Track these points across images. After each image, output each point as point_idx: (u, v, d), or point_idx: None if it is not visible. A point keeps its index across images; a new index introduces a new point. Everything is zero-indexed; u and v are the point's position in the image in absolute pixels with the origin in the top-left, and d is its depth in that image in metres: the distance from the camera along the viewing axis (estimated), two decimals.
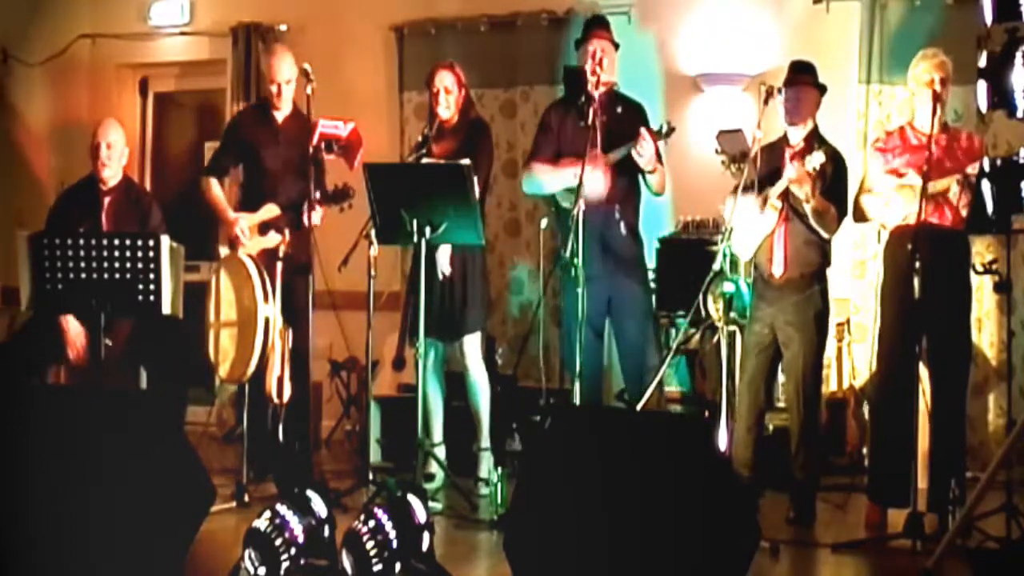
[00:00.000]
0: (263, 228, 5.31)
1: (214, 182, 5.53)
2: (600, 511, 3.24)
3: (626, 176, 5.11)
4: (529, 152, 5.46)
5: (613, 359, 5.47)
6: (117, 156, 5.44)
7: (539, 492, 3.47)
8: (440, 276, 5.16)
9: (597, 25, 5.26)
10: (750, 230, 4.82)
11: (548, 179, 5.22)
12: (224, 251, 5.37)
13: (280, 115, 5.49)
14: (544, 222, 5.45)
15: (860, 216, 4.82)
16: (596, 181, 4.96)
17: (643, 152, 4.91)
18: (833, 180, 4.75)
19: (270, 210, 5.31)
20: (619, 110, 5.13)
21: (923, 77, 4.62)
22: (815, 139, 4.82)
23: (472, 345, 5.33)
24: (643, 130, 4.92)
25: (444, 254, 5.18)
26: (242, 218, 5.33)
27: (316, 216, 5.05)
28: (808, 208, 4.70)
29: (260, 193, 5.41)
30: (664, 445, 3.30)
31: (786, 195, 4.76)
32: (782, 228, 4.81)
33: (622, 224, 5.13)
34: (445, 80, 5.30)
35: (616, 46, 5.21)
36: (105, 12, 7.56)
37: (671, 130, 4.96)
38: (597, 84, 4.97)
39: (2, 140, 7.71)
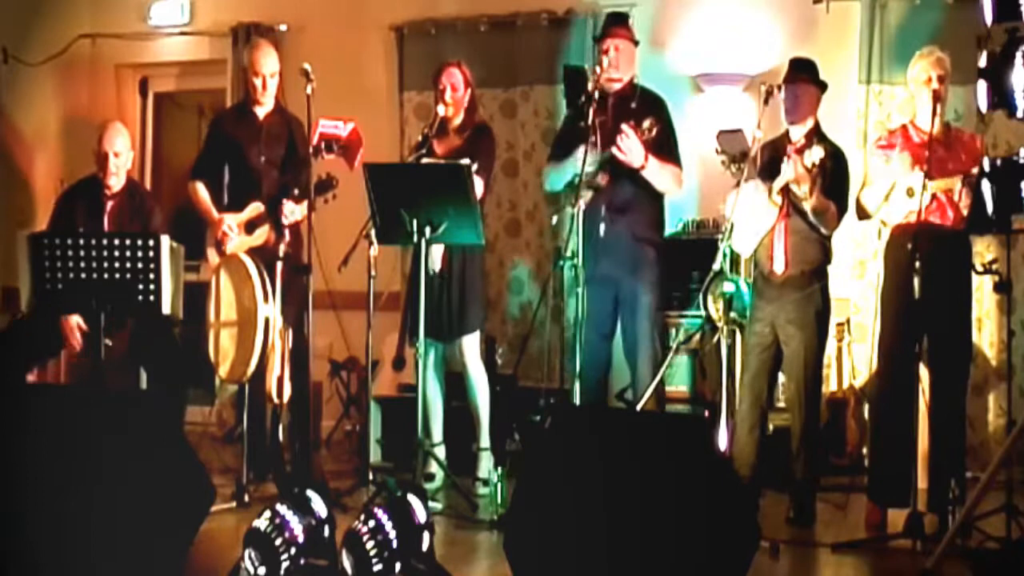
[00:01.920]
0: (249, 227, 5.31)
1: (200, 186, 5.49)
2: (600, 511, 3.24)
3: (629, 179, 5.08)
4: (551, 149, 5.51)
5: (615, 359, 5.47)
6: (124, 164, 5.45)
7: (539, 492, 3.47)
8: (431, 273, 5.13)
9: (613, 23, 5.25)
10: (750, 226, 4.81)
11: (557, 172, 5.23)
12: (212, 253, 5.36)
13: (262, 111, 5.46)
14: (555, 219, 5.45)
15: (862, 213, 4.82)
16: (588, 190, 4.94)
17: (625, 150, 4.90)
18: (833, 177, 4.74)
19: (255, 208, 5.31)
20: (634, 105, 5.10)
21: (921, 76, 4.62)
22: (816, 136, 4.81)
23: (470, 345, 5.33)
24: (624, 126, 4.91)
25: (437, 251, 5.17)
26: (227, 217, 5.34)
27: (297, 211, 5.06)
28: (807, 205, 4.70)
29: (245, 191, 5.39)
30: (664, 445, 3.30)
31: (786, 191, 4.76)
32: (782, 225, 4.81)
33: (625, 228, 5.09)
34: (453, 78, 5.30)
35: (635, 43, 5.20)
36: (105, 12, 7.56)
37: (653, 125, 4.93)
38: (597, 83, 4.96)
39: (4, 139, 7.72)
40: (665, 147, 5.08)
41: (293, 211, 5.12)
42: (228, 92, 7.17)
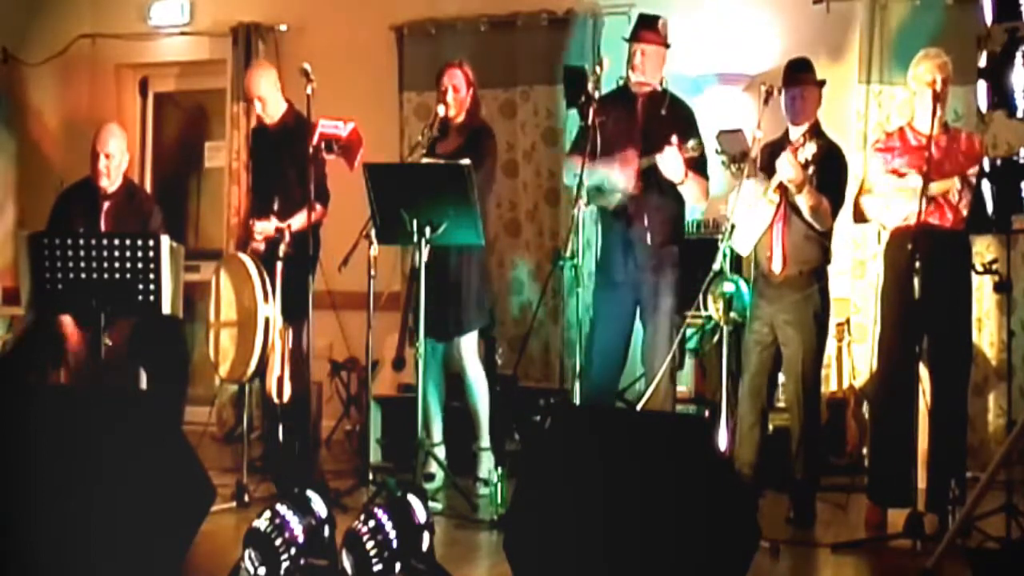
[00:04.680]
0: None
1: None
2: (600, 511, 3.24)
3: (655, 185, 5.03)
4: (570, 145, 5.48)
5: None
6: (116, 165, 5.44)
7: (539, 492, 3.47)
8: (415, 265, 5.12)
9: (641, 27, 5.17)
10: (749, 224, 4.80)
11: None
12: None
13: (269, 120, 5.55)
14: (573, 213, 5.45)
15: (860, 217, 4.82)
16: (627, 178, 4.94)
17: (666, 163, 4.87)
18: (827, 173, 4.73)
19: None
20: (663, 112, 5.07)
21: (924, 77, 4.61)
22: (813, 133, 4.79)
23: (468, 345, 5.32)
24: (670, 147, 4.84)
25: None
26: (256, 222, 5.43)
27: (269, 228, 5.18)
28: (800, 200, 4.70)
29: (262, 199, 5.47)
30: (664, 445, 3.30)
31: (784, 189, 4.75)
32: (780, 224, 4.80)
33: (648, 233, 5.06)
34: (455, 78, 5.29)
35: (667, 46, 5.14)
36: (105, 12, 7.56)
37: (698, 147, 4.88)
38: (596, 85, 4.95)
39: (3, 140, 7.72)
40: (699, 163, 5.04)
41: (264, 230, 5.22)
42: (228, 92, 7.17)
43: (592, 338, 5.07)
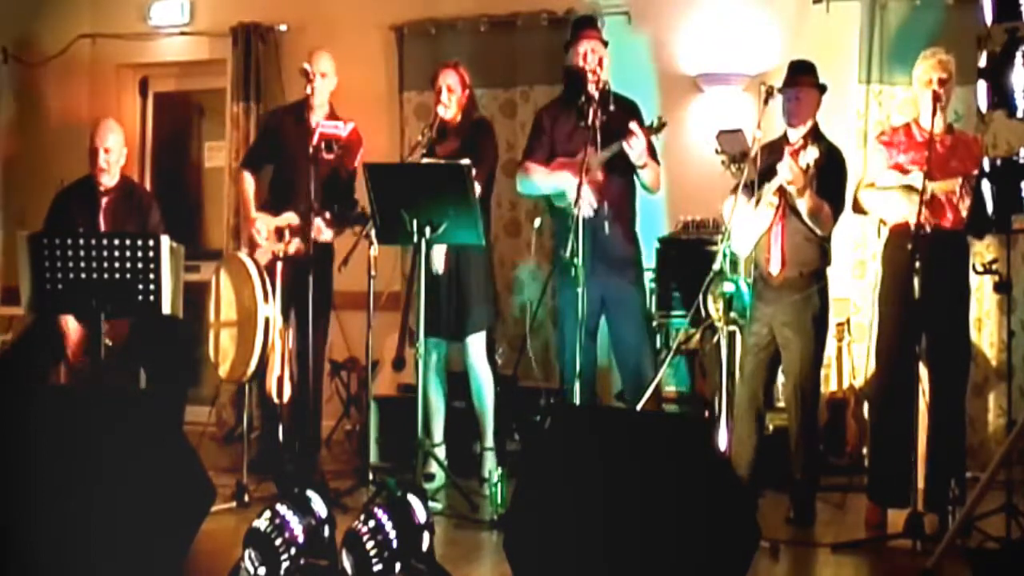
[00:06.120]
0: (281, 233, 5.30)
1: (247, 176, 5.60)
2: (600, 511, 3.24)
3: (620, 176, 5.10)
4: (523, 153, 5.48)
5: (613, 359, 5.48)
6: (115, 160, 5.44)
7: (539, 492, 3.47)
8: (434, 274, 5.15)
9: (586, 25, 5.27)
10: (747, 227, 4.81)
11: (541, 181, 5.24)
12: (243, 253, 5.35)
13: (314, 118, 5.40)
14: (537, 222, 5.48)
15: (858, 209, 4.82)
16: (586, 193, 4.96)
17: (633, 147, 4.92)
18: (829, 177, 4.73)
19: (288, 218, 5.33)
20: (612, 108, 5.11)
21: (922, 78, 4.64)
22: (813, 136, 4.80)
23: (477, 344, 5.33)
24: (633, 125, 4.94)
25: (439, 253, 5.18)
26: (260, 219, 5.38)
27: (327, 233, 5.17)
28: (802, 205, 4.70)
29: (285, 196, 5.42)
30: (664, 445, 3.30)
31: (783, 192, 4.75)
32: (779, 226, 4.80)
33: (615, 224, 5.11)
34: (449, 79, 5.31)
35: (605, 44, 5.22)
36: (105, 12, 7.56)
37: (662, 124, 4.98)
38: (598, 84, 4.97)
39: (4, 139, 7.73)
40: (652, 148, 5.13)
41: (322, 231, 5.17)
42: (228, 92, 7.17)
43: (561, 335, 5.09)
